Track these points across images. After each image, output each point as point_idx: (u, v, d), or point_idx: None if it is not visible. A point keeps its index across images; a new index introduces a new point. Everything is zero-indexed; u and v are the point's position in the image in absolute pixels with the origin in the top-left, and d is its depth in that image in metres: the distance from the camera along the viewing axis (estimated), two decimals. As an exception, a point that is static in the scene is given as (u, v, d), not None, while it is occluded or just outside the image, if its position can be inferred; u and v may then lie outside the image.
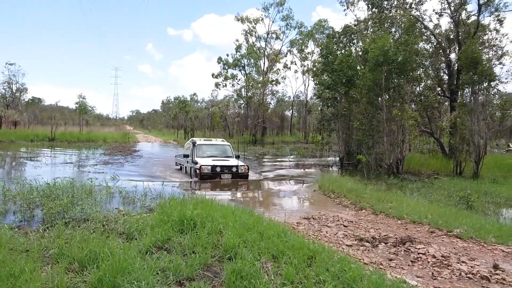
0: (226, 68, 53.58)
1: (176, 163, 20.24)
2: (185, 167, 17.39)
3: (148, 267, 4.11)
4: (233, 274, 4.05)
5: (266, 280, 4.04)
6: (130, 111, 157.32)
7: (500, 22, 22.66)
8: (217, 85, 53.60)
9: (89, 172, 16.09)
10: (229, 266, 4.25)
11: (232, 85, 54.14)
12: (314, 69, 33.96)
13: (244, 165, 15.51)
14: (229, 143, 17.97)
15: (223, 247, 4.97)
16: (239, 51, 53.17)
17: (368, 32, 24.28)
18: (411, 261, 5.75)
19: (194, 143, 16.67)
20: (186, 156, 16.93)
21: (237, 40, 54.33)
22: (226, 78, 53.48)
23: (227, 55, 55.24)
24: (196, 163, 15.18)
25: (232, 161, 15.81)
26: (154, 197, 9.20)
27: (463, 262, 5.66)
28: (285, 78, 65.76)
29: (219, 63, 53.60)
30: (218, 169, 14.81)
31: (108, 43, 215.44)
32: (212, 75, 53.87)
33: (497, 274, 5.23)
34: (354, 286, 4.01)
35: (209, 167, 14.74)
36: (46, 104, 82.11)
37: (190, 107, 58.55)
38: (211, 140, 18.44)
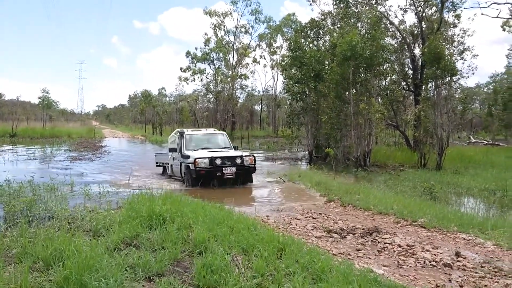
0: (195, 62, 52.98)
1: (157, 163, 16.76)
2: (170, 165, 14.39)
3: (116, 264, 4.04)
4: (203, 268, 4.04)
5: (237, 273, 4.05)
6: (96, 106, 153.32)
7: (458, 17, 23.45)
8: (185, 79, 52.96)
9: (55, 168, 15.62)
10: (199, 261, 4.23)
11: (201, 79, 53.67)
12: (283, 63, 34.11)
13: (249, 156, 12.57)
14: (224, 132, 15.23)
15: (193, 242, 4.94)
16: (207, 45, 52.70)
17: (335, 27, 24.59)
18: (378, 250, 5.90)
19: (182, 134, 13.54)
20: (172, 150, 13.77)
21: (205, 34, 53.79)
22: (194, 72, 52.88)
23: (196, 49, 54.60)
24: (187, 157, 12.19)
25: (233, 152, 12.89)
26: (122, 193, 9.04)
27: (427, 250, 5.86)
28: (254, 73, 65.87)
29: (187, 57, 52.94)
30: (218, 162, 11.71)
31: (71, 35, 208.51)
32: (181, 69, 53.12)
33: (459, 261, 5.44)
34: (323, 277, 4.08)
35: (206, 160, 11.65)
36: (6, 99, 78.79)
37: (158, 102, 57.68)
38: (200, 130, 15.44)
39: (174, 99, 64.01)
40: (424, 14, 25.32)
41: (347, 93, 19.57)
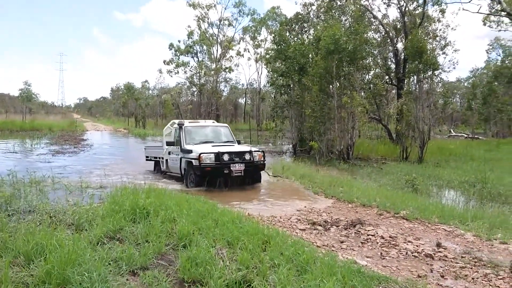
0: (178, 54, 52.44)
1: (147, 157, 15.15)
2: (165, 160, 12.99)
3: (100, 258, 3.99)
4: (188, 261, 4.02)
5: (222, 266, 4.05)
6: (78, 98, 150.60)
7: (442, 12, 23.75)
8: (168, 71, 52.43)
9: (36, 162, 15.34)
10: (184, 254, 4.21)
11: (185, 72, 53.18)
12: (267, 56, 34.05)
13: (258, 151, 11.31)
14: (226, 124, 13.74)
15: (177, 235, 4.91)
16: (191, 38, 52.13)
17: (319, 20, 24.63)
18: (361, 242, 5.97)
19: (180, 126, 12.05)
20: (170, 144, 12.31)
21: (189, 26, 53.17)
22: (178, 65, 52.35)
23: (179, 41, 53.83)
24: (188, 151, 10.89)
25: (240, 147, 11.82)
26: (105, 187, 8.94)
27: (409, 241, 5.95)
28: (238, 66, 65.49)
29: (170, 49, 52.30)
30: (225, 158, 10.39)
31: (51, 26, 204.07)
32: (164, 61, 52.46)
33: (440, 252, 5.54)
34: (307, 268, 4.10)
35: (212, 156, 10.31)
36: (-17, 92, 76.88)
37: (141, 94, 57.02)
38: (199, 122, 13.91)
39: (157, 92, 63.36)
40: (407, 9, 25.55)
41: (330, 86, 19.68)
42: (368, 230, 6.45)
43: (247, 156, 10.75)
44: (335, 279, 3.82)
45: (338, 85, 19.63)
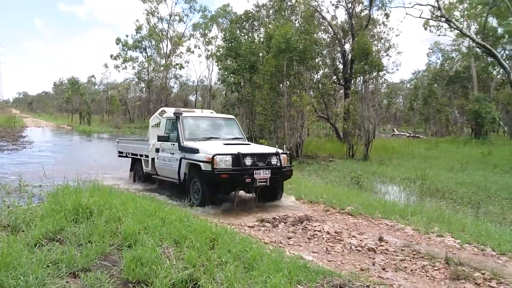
0: (126, 49, 51.02)
1: (120, 153, 11.98)
2: (151, 160, 9.98)
3: (37, 260, 3.78)
4: (132, 261, 3.91)
5: (168, 265, 3.98)
6: (17, 93, 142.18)
7: (387, 16, 24.78)
8: (116, 66, 50.87)
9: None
10: (129, 254, 4.09)
11: (133, 67, 51.83)
12: (218, 54, 33.89)
13: (285, 153, 8.55)
14: (233, 116, 10.92)
15: (122, 234, 4.76)
16: (139, 32, 50.92)
17: (270, 19, 24.87)
18: (308, 238, 6.10)
19: (177, 116, 9.03)
20: (163, 139, 9.14)
21: (137, 21, 52.04)
22: (125, 60, 50.94)
23: (127, 36, 52.68)
24: (194, 151, 8.09)
25: (262, 147, 9.43)
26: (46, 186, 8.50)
27: (353, 236, 6.15)
28: (188, 62, 64.68)
29: (117, 44, 50.82)
30: (248, 162, 7.68)
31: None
32: (111, 56, 50.96)
33: (381, 245, 5.77)
34: (254, 265, 4.13)
35: (229, 158, 7.59)
36: None
37: (86, 90, 54.87)
38: (194, 112, 10.56)
39: (104, 88, 61.23)
40: (354, 11, 26.38)
41: (281, 85, 19.93)
42: (315, 226, 6.59)
43: (274, 160, 8.10)
44: (281, 274, 3.88)
45: (288, 84, 19.91)
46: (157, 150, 9.70)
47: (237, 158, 7.61)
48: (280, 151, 8.39)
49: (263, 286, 3.68)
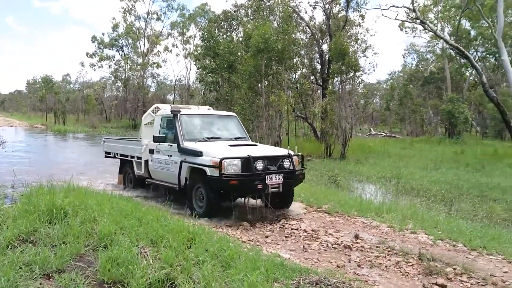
0: (102, 47, 50.21)
1: (108, 153, 10.83)
2: (144, 162, 8.98)
3: (9, 262, 3.70)
4: (108, 262, 3.87)
5: (144, 265, 3.95)
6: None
7: (362, 17, 25.16)
8: (92, 65, 49.99)
9: None
10: (104, 254, 4.05)
11: (109, 66, 51.04)
12: (196, 53, 33.72)
13: (296, 155, 7.90)
14: (235, 114, 9.95)
15: (98, 235, 4.70)
16: (116, 31, 50.18)
17: (249, 19, 24.91)
18: (285, 236, 6.16)
19: (175, 114, 8.15)
20: (159, 140, 8.12)
21: (113, 18, 51.15)
22: (102, 59, 50.12)
23: (103, 34, 51.73)
24: (197, 153, 7.27)
25: (272, 148, 8.86)
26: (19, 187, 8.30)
27: (330, 234, 6.24)
28: (166, 61, 64.26)
29: (93, 42, 49.98)
30: (260, 166, 6.97)
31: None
32: (87, 54, 50.03)
33: (357, 242, 5.87)
34: (231, 264, 4.15)
35: (238, 162, 6.88)
36: None
37: (61, 88, 53.74)
38: (190, 109, 9.60)
39: (79, 86, 60.08)
40: (331, 12, 26.64)
41: (259, 84, 19.98)
42: (292, 225, 6.66)
43: (287, 163, 7.35)
44: (258, 272, 3.90)
45: (267, 83, 19.99)
46: (151, 151, 8.70)
47: (247, 162, 6.87)
48: (292, 152, 7.67)
49: (240, 284, 3.69)
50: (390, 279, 4.67)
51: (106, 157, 11.06)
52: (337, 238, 6.07)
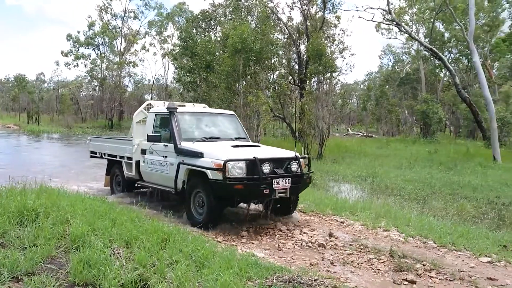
0: (77, 46, 49.31)
1: (94, 153, 10.10)
2: (135, 163, 8.32)
3: (-24, 266, 3.63)
4: (80, 263, 3.83)
5: (117, 266, 3.93)
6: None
7: (338, 18, 25.49)
8: (67, 64, 49.03)
9: None
10: (76, 256, 4.01)
11: (85, 65, 50.16)
12: (174, 52, 33.48)
13: (303, 156, 7.43)
14: (233, 112, 9.29)
15: (70, 237, 4.64)
16: (92, 29, 49.34)
17: (226, 19, 24.90)
18: (260, 236, 6.21)
19: (172, 111, 7.56)
20: (154, 139, 7.52)
21: (89, 17, 50.46)
22: (77, 57, 49.22)
23: (78, 32, 50.74)
24: (198, 154, 6.66)
25: (277, 150, 7.74)
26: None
27: (304, 233, 6.32)
28: (143, 61, 63.62)
29: (68, 40, 49.03)
30: (266, 169, 6.39)
31: None
32: (62, 52, 49.05)
33: (331, 241, 5.98)
34: (206, 263, 4.16)
35: (243, 165, 6.29)
36: None
37: (34, 88, 52.51)
38: (185, 106, 8.95)
39: (54, 86, 58.82)
40: (308, 13, 26.86)
41: (237, 84, 20.01)
42: (268, 224, 6.71)
43: (294, 166, 6.83)
44: (232, 271, 3.94)
45: (244, 83, 20.03)
46: (143, 152, 8.08)
47: (253, 165, 6.29)
48: (298, 154, 7.09)
49: (213, 284, 3.71)
50: (362, 276, 4.78)
51: (92, 157, 10.36)
52: (311, 236, 6.16)
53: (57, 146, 25.57)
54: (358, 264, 5.13)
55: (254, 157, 6.31)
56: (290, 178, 6.54)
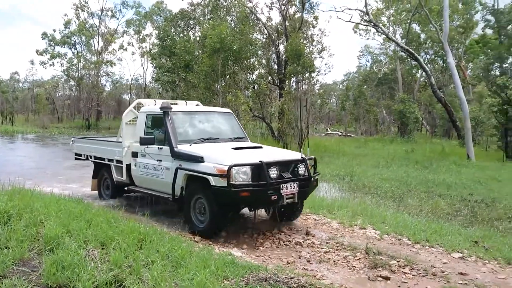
0: (53, 45, 48.30)
1: (78, 156, 9.38)
2: (126, 166, 7.68)
3: None
4: (53, 265, 3.78)
5: (92, 267, 3.89)
6: None
7: (316, 19, 25.73)
8: (42, 63, 48.01)
9: None
10: (49, 258, 3.95)
11: (61, 64, 49.17)
12: (152, 52, 33.15)
13: (310, 158, 7.08)
14: (230, 110, 8.68)
15: (43, 238, 4.57)
16: (68, 28, 48.41)
17: (206, 18, 24.82)
18: (238, 235, 6.22)
19: (166, 111, 6.92)
20: (147, 142, 6.81)
21: (65, 15, 49.42)
22: (53, 56, 48.22)
23: (54, 30, 49.77)
24: (198, 159, 6.10)
25: (283, 152, 7.96)
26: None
27: (282, 232, 6.37)
28: (121, 60, 62.80)
29: (44, 38, 47.98)
30: (273, 173, 5.93)
31: None
32: (37, 51, 47.98)
33: (308, 239, 6.04)
34: (182, 263, 4.16)
35: (248, 170, 5.83)
36: None
37: (8, 87, 51.17)
38: (177, 104, 8.49)
39: (29, 85, 57.45)
40: (287, 13, 27.00)
41: (216, 84, 19.99)
42: (246, 223, 6.73)
43: (301, 169, 6.46)
44: (209, 271, 3.95)
45: (224, 83, 20.02)
46: (135, 154, 7.44)
47: (259, 169, 5.83)
48: (304, 156, 6.79)
49: (189, 283, 3.72)
50: (337, 273, 4.85)
51: (76, 159, 9.67)
52: (289, 235, 6.22)
53: (31, 147, 24.99)
54: (334, 261, 5.20)
55: (260, 161, 5.86)
56: (297, 182, 6.16)
